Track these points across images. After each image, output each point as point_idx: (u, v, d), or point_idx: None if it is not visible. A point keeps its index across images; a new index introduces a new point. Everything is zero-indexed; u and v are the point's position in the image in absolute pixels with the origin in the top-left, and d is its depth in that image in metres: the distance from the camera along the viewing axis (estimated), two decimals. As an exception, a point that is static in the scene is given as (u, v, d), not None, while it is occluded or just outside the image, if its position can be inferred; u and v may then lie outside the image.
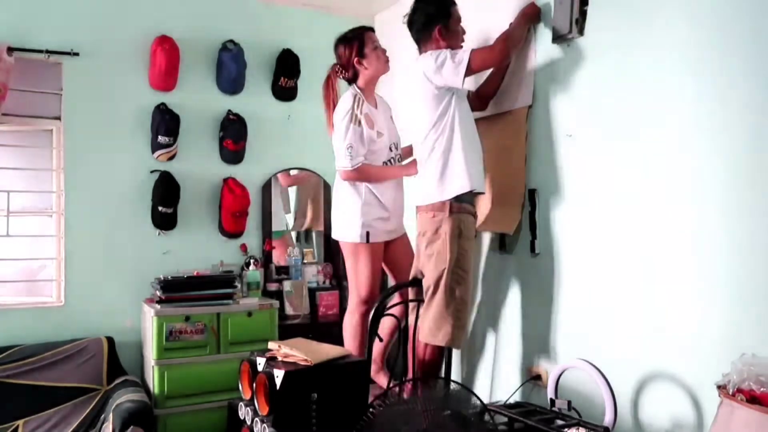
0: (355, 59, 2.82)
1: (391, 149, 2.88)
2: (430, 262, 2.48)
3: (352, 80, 2.88)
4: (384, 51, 2.89)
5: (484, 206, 2.82)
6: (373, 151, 2.80)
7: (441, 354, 2.55)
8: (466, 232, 2.45)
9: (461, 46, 2.64)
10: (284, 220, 3.89)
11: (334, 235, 2.96)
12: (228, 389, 2.84)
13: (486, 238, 2.93)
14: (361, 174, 2.78)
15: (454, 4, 2.59)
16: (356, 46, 2.82)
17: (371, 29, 2.90)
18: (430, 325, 2.45)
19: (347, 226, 2.84)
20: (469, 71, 2.42)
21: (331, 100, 2.93)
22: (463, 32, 2.65)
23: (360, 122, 2.75)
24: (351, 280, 2.92)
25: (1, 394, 2.85)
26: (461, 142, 2.46)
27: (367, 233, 2.81)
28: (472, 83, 2.78)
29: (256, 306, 3.24)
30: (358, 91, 2.84)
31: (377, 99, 2.96)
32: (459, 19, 2.60)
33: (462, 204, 2.45)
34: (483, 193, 2.60)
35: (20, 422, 2.80)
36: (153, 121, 3.41)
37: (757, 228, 1.81)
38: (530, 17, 2.57)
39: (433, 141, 2.48)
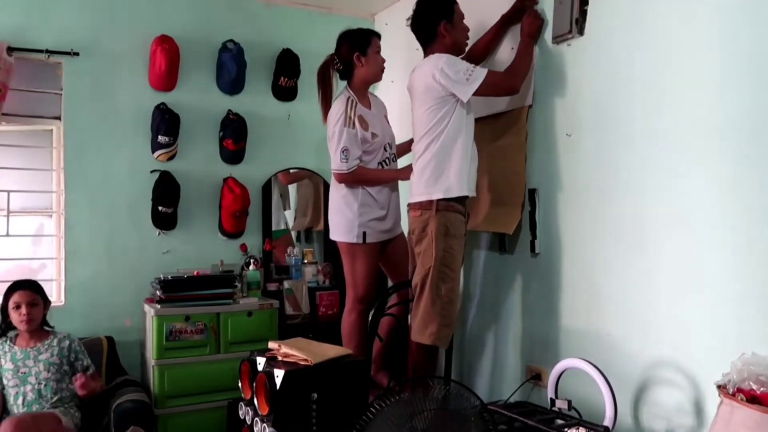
0: (356, 54, 2.83)
1: (385, 149, 2.89)
2: (418, 260, 2.49)
3: (345, 75, 2.89)
4: (383, 60, 2.92)
5: (483, 206, 2.82)
6: (368, 151, 2.82)
7: (431, 352, 2.55)
8: (453, 231, 2.44)
9: (467, 44, 2.67)
10: (284, 219, 3.89)
11: (332, 236, 2.97)
12: (228, 389, 2.84)
13: (486, 238, 2.93)
14: (356, 177, 2.79)
15: (456, 3, 2.60)
16: (361, 42, 2.84)
17: (378, 35, 2.92)
18: (418, 324, 2.46)
19: (344, 226, 2.86)
20: (478, 91, 2.43)
21: (327, 88, 2.92)
22: (467, 29, 2.65)
23: (354, 124, 2.77)
24: (348, 280, 2.93)
25: (1, 394, 2.85)
26: (458, 148, 2.45)
27: (364, 233, 2.82)
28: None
29: (256, 306, 3.24)
30: (351, 93, 2.86)
31: (371, 99, 2.98)
32: (462, 16, 2.61)
33: (449, 202, 2.45)
34: (473, 197, 2.60)
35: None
36: (153, 120, 3.41)
37: (759, 226, 1.81)
38: (536, 36, 2.56)
39: (429, 141, 2.48)
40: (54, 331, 2.85)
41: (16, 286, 2.72)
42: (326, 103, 2.92)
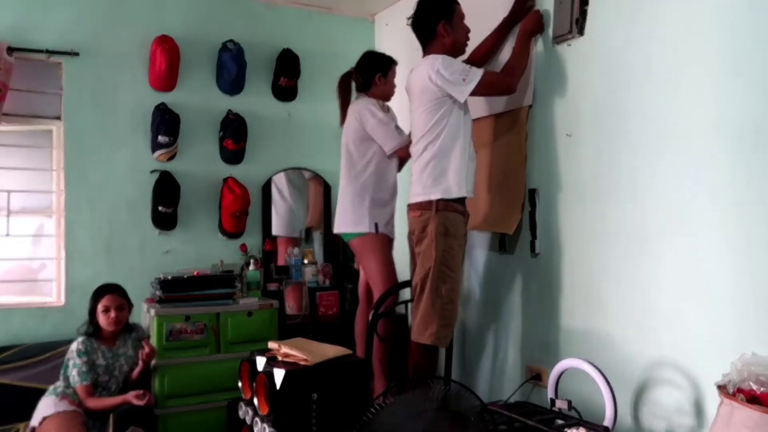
0: (379, 75, 2.97)
1: None
2: (418, 260, 2.49)
3: (363, 89, 3.01)
4: (395, 86, 3.05)
5: (483, 206, 2.82)
6: None
7: (431, 353, 2.55)
8: (453, 230, 2.44)
9: (467, 44, 2.66)
10: (295, 223, 3.89)
11: (339, 230, 2.98)
12: (228, 389, 2.83)
13: (486, 238, 2.93)
14: (408, 148, 2.77)
15: (457, 3, 2.59)
16: (384, 66, 3.00)
17: (396, 63, 3.07)
18: (418, 324, 2.46)
19: (355, 218, 2.89)
20: (474, 92, 2.43)
21: (346, 96, 3.06)
22: (468, 30, 2.65)
23: (388, 110, 2.92)
24: (370, 277, 2.95)
25: (1, 395, 2.85)
26: (457, 149, 2.46)
27: (376, 224, 2.86)
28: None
29: (256, 306, 3.24)
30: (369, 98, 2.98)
31: None
32: (462, 16, 2.60)
33: (449, 202, 2.44)
34: (471, 197, 2.60)
35: (21, 425, 2.78)
36: (153, 120, 3.41)
37: (759, 227, 1.81)
38: (533, 33, 2.57)
39: (427, 142, 2.48)
40: (127, 325, 2.93)
41: (105, 290, 2.82)
42: (345, 109, 3.04)
